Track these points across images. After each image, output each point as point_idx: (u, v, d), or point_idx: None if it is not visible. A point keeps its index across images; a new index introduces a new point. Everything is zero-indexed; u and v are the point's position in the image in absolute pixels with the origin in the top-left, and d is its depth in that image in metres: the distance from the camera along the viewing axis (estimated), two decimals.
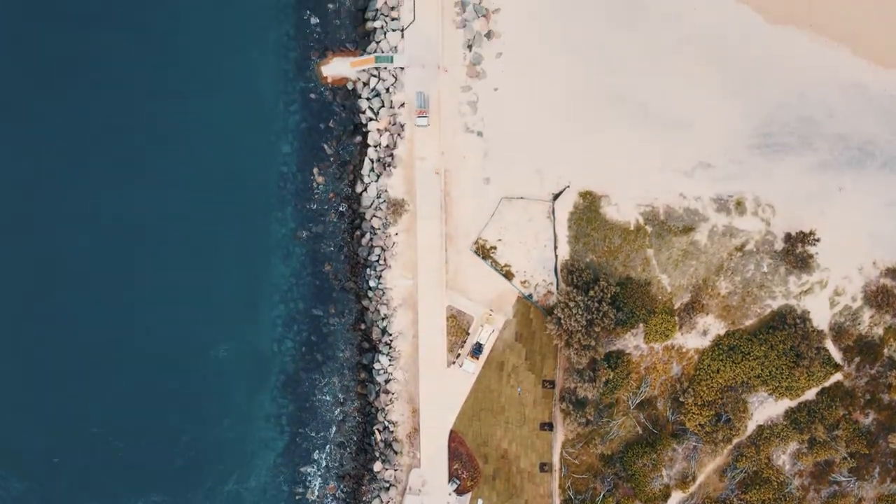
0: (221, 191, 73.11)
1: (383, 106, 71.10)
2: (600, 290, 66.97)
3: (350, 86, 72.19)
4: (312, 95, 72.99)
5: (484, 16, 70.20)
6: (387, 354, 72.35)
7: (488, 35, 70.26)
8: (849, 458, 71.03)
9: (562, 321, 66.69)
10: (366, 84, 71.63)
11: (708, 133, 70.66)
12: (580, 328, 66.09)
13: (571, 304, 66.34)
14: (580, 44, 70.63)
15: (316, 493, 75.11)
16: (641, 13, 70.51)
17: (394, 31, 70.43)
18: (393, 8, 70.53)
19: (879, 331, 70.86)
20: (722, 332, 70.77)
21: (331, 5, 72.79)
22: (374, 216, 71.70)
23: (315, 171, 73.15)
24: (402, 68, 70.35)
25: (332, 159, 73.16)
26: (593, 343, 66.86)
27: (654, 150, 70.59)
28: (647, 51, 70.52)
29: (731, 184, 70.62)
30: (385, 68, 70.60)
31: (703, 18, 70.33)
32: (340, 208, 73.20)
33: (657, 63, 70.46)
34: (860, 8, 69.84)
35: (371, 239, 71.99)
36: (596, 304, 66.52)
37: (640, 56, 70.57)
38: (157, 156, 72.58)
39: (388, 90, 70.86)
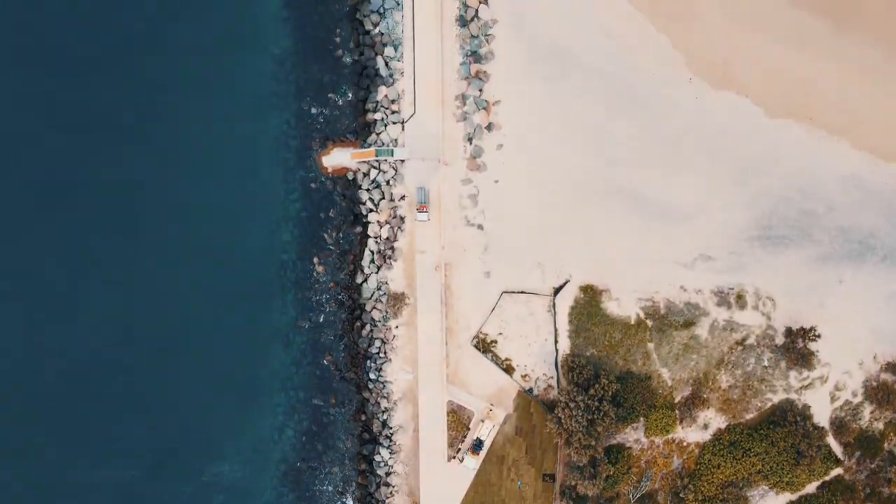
0: (222, 278, 73.04)
1: (384, 198, 71.06)
2: (601, 389, 66.89)
3: (350, 176, 72.16)
4: (313, 185, 72.94)
5: (484, 108, 70.27)
6: (387, 447, 72.15)
7: (489, 127, 70.31)
8: None
9: (562, 421, 66.59)
10: (366, 175, 71.58)
11: (708, 225, 70.77)
12: (581, 428, 65.99)
13: (572, 405, 66.25)
14: (580, 134, 70.76)
15: None
16: (641, 104, 70.68)
17: (394, 123, 70.43)
18: (393, 101, 70.51)
19: (880, 425, 70.90)
20: (723, 425, 70.75)
21: (331, 95, 72.80)
22: (375, 308, 71.57)
23: (315, 260, 73.02)
24: (402, 161, 70.35)
25: (332, 248, 73.06)
26: (594, 443, 66.73)
27: (654, 241, 70.63)
28: (646, 142, 70.64)
29: (732, 276, 70.67)
30: (385, 160, 70.59)
31: (702, 111, 70.49)
32: (341, 297, 73.07)
33: (657, 154, 70.60)
34: (860, 101, 70.05)
35: (371, 331, 71.84)
36: (596, 404, 66.41)
37: (640, 147, 70.71)
38: (157, 242, 72.49)
39: (388, 182, 70.82)
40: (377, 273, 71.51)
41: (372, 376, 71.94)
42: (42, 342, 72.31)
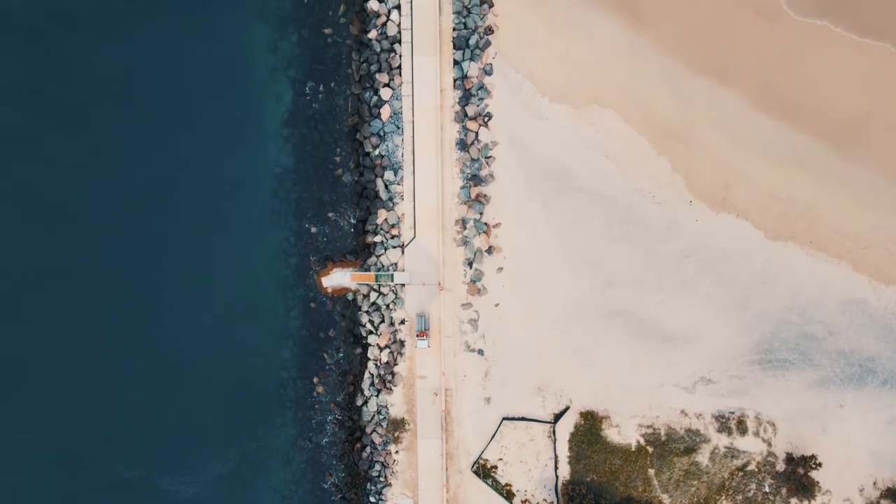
0: (222, 395, 72.79)
1: (384, 321, 70.86)
2: None
3: (350, 296, 72.00)
4: (313, 304, 72.75)
5: (485, 232, 70.18)
6: None
7: (489, 250, 70.17)
8: None
9: None
10: (366, 296, 71.40)
11: (709, 348, 70.62)
12: None
13: None
14: (580, 257, 70.68)
15: None
16: (641, 227, 70.60)
17: (394, 247, 70.28)
18: (393, 225, 70.39)
19: None
20: None
21: (331, 214, 72.70)
22: (375, 432, 71.34)
23: (315, 379, 72.83)
24: (402, 285, 70.18)
25: (332, 369, 72.88)
26: None
27: (654, 365, 70.49)
28: (646, 265, 70.57)
29: (733, 400, 70.48)
30: (386, 284, 70.40)
31: (703, 233, 70.45)
32: (341, 418, 72.84)
33: (656, 277, 70.47)
34: (861, 225, 69.92)
35: (371, 454, 71.60)
36: None
37: (640, 270, 70.60)
38: (157, 361, 72.42)
39: (388, 306, 70.60)
40: (377, 396, 71.29)
41: (372, 499, 71.65)
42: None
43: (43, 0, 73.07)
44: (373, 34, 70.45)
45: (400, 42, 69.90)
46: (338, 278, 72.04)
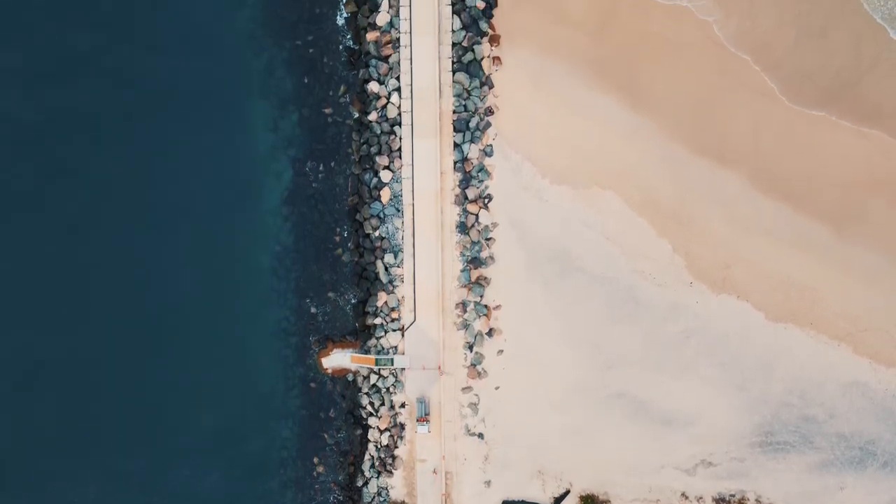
0: (223, 475, 72.82)
1: (384, 404, 70.72)
2: None
3: (350, 377, 71.90)
4: (313, 384, 72.68)
5: (485, 315, 70.15)
6: None
7: (489, 333, 70.12)
8: None
9: None
10: (366, 378, 71.28)
11: (709, 430, 70.47)
12: None
13: None
14: (580, 338, 70.63)
15: None
16: (642, 308, 70.57)
17: (394, 331, 70.19)
18: (393, 308, 70.30)
19: None
20: None
21: (331, 294, 72.66)
22: None
23: (315, 459, 72.69)
24: (402, 369, 70.13)
25: (332, 448, 72.75)
26: None
27: (655, 447, 70.37)
28: (646, 346, 70.56)
29: (733, 482, 70.36)
30: (386, 367, 70.36)
31: (703, 315, 70.45)
32: (341, 498, 72.66)
33: (657, 359, 70.41)
34: (861, 307, 69.89)
35: None
36: None
37: (640, 351, 70.56)
38: (156, 443, 72.75)
39: (388, 389, 70.49)
40: (377, 478, 71.12)
41: None
42: None
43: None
44: (373, 116, 70.45)
45: (400, 124, 69.92)
46: (338, 359, 71.96)
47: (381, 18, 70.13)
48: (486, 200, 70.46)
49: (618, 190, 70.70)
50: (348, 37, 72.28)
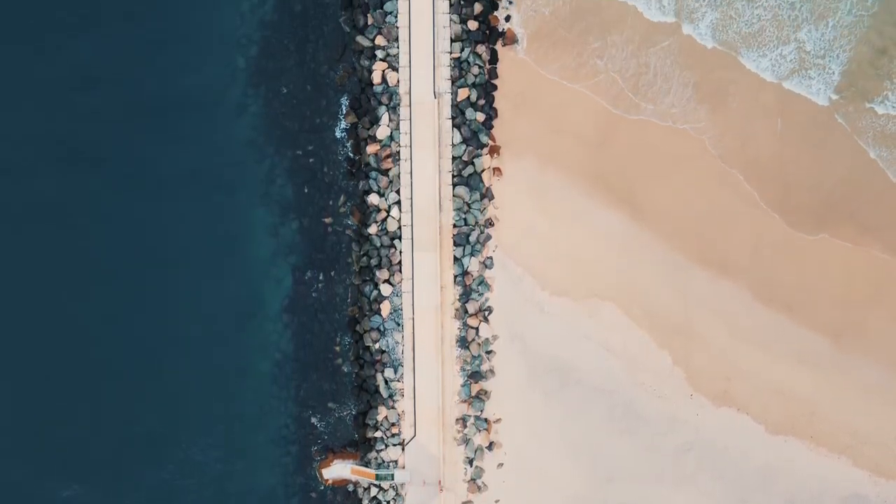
0: None
1: None
2: None
3: (351, 487, 71.82)
4: (313, 494, 72.53)
5: (485, 429, 70.16)
6: None
7: (490, 446, 70.13)
8: None
9: None
10: (366, 490, 71.24)
11: None
12: None
13: None
14: (580, 450, 70.58)
15: None
16: (642, 421, 70.54)
17: (394, 445, 70.18)
18: (393, 423, 70.30)
19: None
20: None
21: (331, 405, 72.68)
22: None
23: None
24: (402, 483, 70.13)
25: None
26: None
27: None
28: (647, 458, 70.47)
29: None
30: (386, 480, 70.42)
31: (703, 427, 70.40)
32: None
33: (657, 471, 70.31)
34: (861, 420, 69.88)
35: None
36: None
37: (640, 464, 70.45)
38: None
39: (389, 502, 70.46)
40: None
41: None
42: None
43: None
44: (373, 229, 70.52)
45: (400, 238, 70.00)
46: (338, 470, 71.81)
47: (382, 132, 70.25)
48: (487, 313, 70.52)
49: (618, 301, 70.77)
50: (348, 147, 72.49)
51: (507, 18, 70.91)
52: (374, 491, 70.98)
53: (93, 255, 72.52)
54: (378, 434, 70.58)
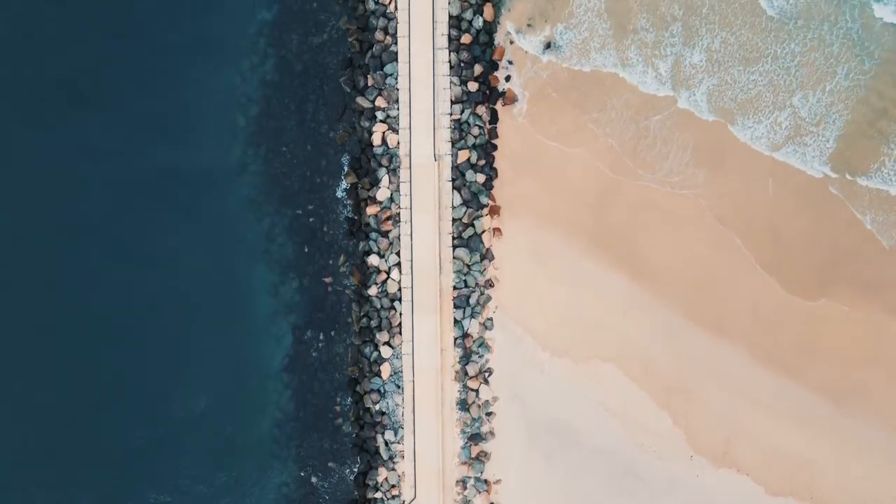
0: None
1: None
2: None
3: None
4: None
5: (485, 490, 70.16)
6: None
7: None
8: None
9: None
10: None
11: None
12: None
13: None
14: None
15: None
16: (642, 482, 70.52)
17: None
18: (394, 485, 70.30)
19: None
20: None
21: (332, 464, 72.67)
22: None
23: None
24: None
25: None
26: None
27: None
28: None
29: None
30: None
31: (704, 489, 70.28)
32: None
33: None
34: (861, 481, 69.89)
35: None
36: None
37: None
38: None
39: None
40: None
41: None
42: None
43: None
44: (373, 290, 70.56)
45: (400, 300, 70.04)
46: None
47: (382, 194, 70.40)
48: (487, 375, 70.58)
49: (618, 362, 70.85)
50: (349, 207, 72.63)
51: (508, 78, 71.12)
52: None
53: (91, 326, 72.82)
54: (378, 495, 70.54)
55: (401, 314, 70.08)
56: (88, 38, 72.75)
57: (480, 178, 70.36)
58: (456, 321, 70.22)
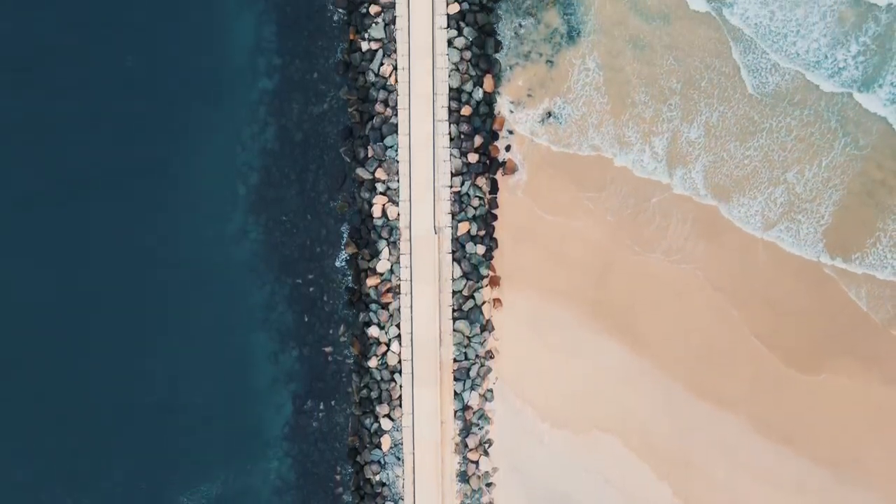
0: None
1: None
2: None
3: None
4: None
5: None
6: None
7: None
8: None
9: None
10: None
11: None
12: None
13: None
14: None
15: None
16: None
17: None
18: None
19: None
20: None
21: None
22: None
23: None
24: None
25: None
26: None
27: None
28: None
29: None
30: None
31: None
32: None
33: None
34: None
35: None
36: None
37: None
38: None
39: None
40: None
41: None
42: None
43: None
44: (373, 362, 70.65)
45: (400, 373, 70.15)
46: None
47: (382, 266, 70.55)
48: (487, 446, 70.64)
49: (618, 433, 70.94)
50: (349, 277, 72.80)
51: (508, 148, 71.47)
52: None
53: (90, 398, 72.93)
54: None
55: (401, 387, 70.15)
56: (90, 107, 73.17)
57: (480, 249, 70.57)
58: (456, 394, 70.31)
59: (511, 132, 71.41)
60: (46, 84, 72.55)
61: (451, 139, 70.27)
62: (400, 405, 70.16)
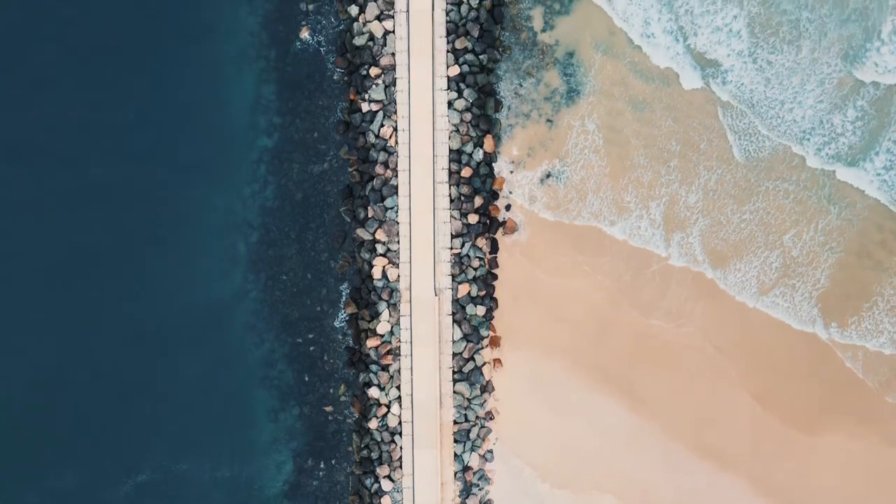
0: None
1: None
2: None
3: None
4: None
5: None
6: None
7: None
8: None
9: None
10: None
11: None
12: None
13: None
14: None
15: None
16: None
17: None
18: None
19: None
20: None
21: None
22: None
23: None
24: None
25: None
26: None
27: None
28: None
29: None
30: None
31: None
32: None
33: None
34: None
35: None
36: None
37: None
38: None
39: None
40: None
41: None
42: None
43: None
44: (373, 423, 70.71)
45: (401, 434, 70.16)
46: None
47: (382, 327, 70.64)
48: None
49: (618, 494, 71.03)
50: (349, 336, 72.89)
51: (508, 207, 71.66)
52: None
53: (92, 455, 72.84)
54: None
55: (401, 448, 70.18)
56: (92, 171, 73.27)
57: (481, 310, 70.70)
58: (456, 455, 70.38)
59: (511, 192, 71.66)
60: (44, 155, 73.22)
61: (452, 200, 70.46)
62: (400, 466, 70.19)
